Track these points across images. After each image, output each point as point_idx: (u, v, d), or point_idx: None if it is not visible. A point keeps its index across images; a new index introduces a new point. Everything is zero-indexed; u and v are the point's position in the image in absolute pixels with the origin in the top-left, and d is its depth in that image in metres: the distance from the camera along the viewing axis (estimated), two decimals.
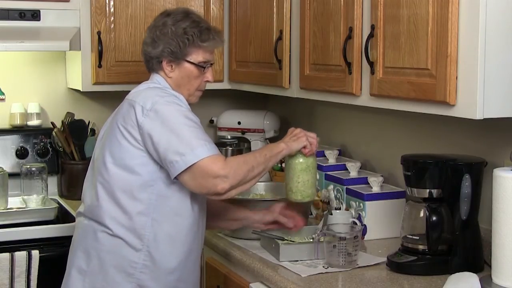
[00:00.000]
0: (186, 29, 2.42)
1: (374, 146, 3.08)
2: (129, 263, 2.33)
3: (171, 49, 2.41)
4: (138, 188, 2.31)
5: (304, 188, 2.45)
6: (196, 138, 2.24)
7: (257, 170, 2.31)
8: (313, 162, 2.46)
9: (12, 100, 3.54)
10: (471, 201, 2.31)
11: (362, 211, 2.73)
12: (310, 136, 2.43)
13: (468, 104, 2.04)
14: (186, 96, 2.44)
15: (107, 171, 2.35)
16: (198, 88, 2.48)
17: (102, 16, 3.30)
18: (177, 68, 2.44)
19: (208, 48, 2.45)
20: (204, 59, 2.45)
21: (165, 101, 2.31)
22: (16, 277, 2.87)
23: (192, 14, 2.49)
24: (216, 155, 2.24)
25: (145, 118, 2.28)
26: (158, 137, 2.26)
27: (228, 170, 2.22)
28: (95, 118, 3.64)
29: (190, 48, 2.42)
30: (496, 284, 2.10)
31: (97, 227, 2.36)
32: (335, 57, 2.62)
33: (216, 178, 2.21)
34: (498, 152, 2.41)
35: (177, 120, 2.27)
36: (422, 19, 2.17)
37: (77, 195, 3.46)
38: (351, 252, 2.38)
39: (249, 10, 3.25)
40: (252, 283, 2.46)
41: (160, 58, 2.44)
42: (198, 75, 2.45)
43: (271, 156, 2.35)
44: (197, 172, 2.22)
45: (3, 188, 3.23)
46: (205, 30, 2.44)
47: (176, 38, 2.41)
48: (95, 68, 3.31)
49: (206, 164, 2.21)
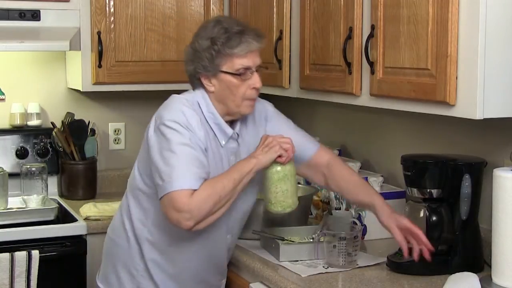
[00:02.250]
0: (213, 39, 2.27)
1: (374, 146, 3.08)
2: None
3: (202, 64, 2.30)
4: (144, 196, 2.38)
5: (283, 199, 2.31)
6: (179, 167, 2.17)
7: (225, 198, 2.21)
8: (291, 170, 2.31)
9: (12, 100, 3.54)
10: (471, 201, 2.31)
11: (362, 211, 2.73)
12: (283, 142, 2.27)
13: (468, 104, 2.04)
14: (234, 108, 2.32)
15: (133, 176, 2.44)
16: (244, 97, 2.30)
17: (102, 16, 3.30)
18: (216, 81, 2.31)
19: (242, 53, 2.27)
20: (241, 65, 2.27)
21: (171, 121, 2.24)
22: (16, 277, 2.87)
23: (223, 21, 2.33)
24: (186, 189, 2.15)
25: (154, 135, 2.28)
26: (153, 156, 2.25)
27: (193, 206, 2.15)
28: (95, 118, 3.64)
29: (220, 58, 2.27)
30: (496, 284, 2.10)
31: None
32: (335, 57, 2.62)
33: (180, 213, 2.15)
34: (498, 152, 2.41)
35: (170, 146, 2.21)
36: (422, 19, 2.17)
37: (77, 195, 3.49)
38: (351, 252, 2.38)
39: (249, 10, 3.25)
40: (252, 283, 2.46)
41: (197, 75, 2.34)
42: (239, 84, 2.29)
43: (241, 177, 2.22)
44: (167, 202, 2.18)
45: (3, 188, 3.23)
46: (235, 35, 2.27)
47: (204, 52, 2.28)
48: (95, 68, 3.31)
49: (175, 196, 2.15)
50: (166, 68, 3.42)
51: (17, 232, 2.98)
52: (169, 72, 3.41)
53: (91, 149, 3.55)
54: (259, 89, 2.32)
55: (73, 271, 3.03)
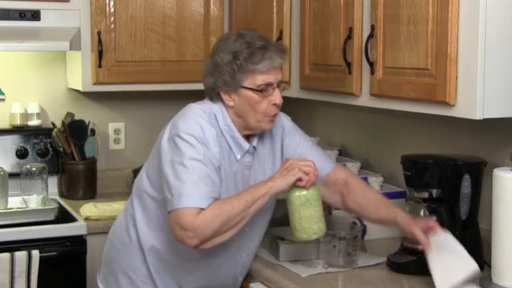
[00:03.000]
0: (236, 53, 2.20)
1: (374, 146, 3.08)
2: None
3: (223, 79, 2.22)
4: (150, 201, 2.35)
5: (308, 225, 2.19)
6: (189, 184, 2.11)
7: (235, 220, 2.13)
8: (314, 194, 2.18)
9: (12, 100, 3.54)
10: (471, 201, 2.31)
11: None
12: (304, 165, 2.17)
13: (468, 104, 2.04)
14: (255, 123, 2.25)
15: (141, 180, 2.38)
16: (266, 113, 2.24)
17: (102, 16, 3.30)
18: (236, 96, 2.23)
19: (264, 69, 2.20)
20: (263, 81, 2.20)
21: (187, 134, 2.18)
22: (16, 277, 2.87)
23: (246, 35, 2.25)
24: (193, 207, 2.08)
25: (166, 144, 2.22)
26: (164, 167, 2.20)
27: (198, 225, 2.08)
28: (95, 118, 3.64)
29: (242, 73, 2.20)
30: (496, 284, 2.10)
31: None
32: (335, 57, 2.62)
33: (184, 230, 2.10)
34: (498, 152, 2.41)
35: (182, 160, 2.14)
36: (422, 19, 2.17)
37: (77, 195, 3.49)
38: (351, 252, 2.38)
39: (249, 10, 3.25)
40: (252, 283, 2.46)
41: (216, 90, 2.26)
42: (260, 100, 2.22)
43: (254, 200, 2.14)
44: (173, 218, 2.13)
45: (3, 188, 3.23)
46: (258, 50, 2.19)
47: (225, 66, 2.21)
48: (95, 68, 3.31)
49: (181, 214, 2.10)
50: (166, 68, 3.42)
51: (17, 232, 2.98)
52: (169, 72, 3.42)
53: (91, 149, 3.55)
54: (280, 105, 2.26)
55: (73, 271, 3.03)
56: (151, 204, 2.33)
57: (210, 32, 3.47)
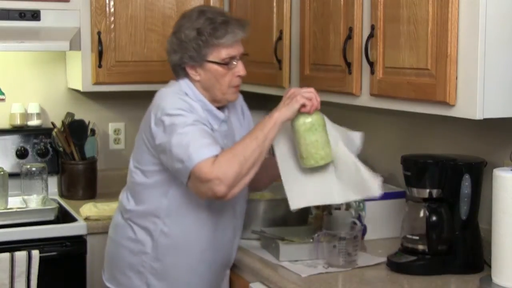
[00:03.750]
0: (200, 30, 2.33)
1: (374, 146, 3.08)
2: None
3: (189, 55, 2.35)
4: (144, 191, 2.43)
5: (315, 150, 2.23)
6: (193, 143, 2.21)
7: (253, 157, 2.21)
8: (318, 119, 2.25)
9: (12, 100, 3.54)
10: (471, 201, 2.31)
11: (362, 211, 2.73)
12: (306, 92, 2.25)
13: (468, 104, 2.04)
14: (220, 96, 2.39)
15: (131, 173, 2.47)
16: (230, 85, 2.38)
17: (102, 16, 3.30)
18: (202, 70, 2.37)
19: (228, 43, 2.33)
20: (227, 55, 2.34)
21: (173, 108, 2.29)
22: (16, 277, 2.87)
23: (207, 11, 2.39)
24: (206, 159, 2.17)
25: (157, 128, 2.31)
26: (165, 146, 2.27)
27: (217, 171, 2.16)
28: (95, 118, 3.64)
29: (207, 48, 2.33)
30: (496, 284, 2.10)
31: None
32: (335, 57, 2.62)
33: (208, 182, 2.17)
34: (498, 152, 2.41)
35: (177, 129, 2.24)
36: (422, 19, 2.17)
37: (77, 195, 3.49)
38: (351, 252, 2.38)
39: (249, 10, 3.25)
40: (252, 283, 2.46)
41: (182, 65, 2.39)
42: (225, 73, 2.36)
43: (265, 134, 2.22)
44: (193, 178, 2.22)
45: (3, 188, 3.23)
46: (221, 25, 2.33)
47: (190, 42, 2.34)
48: (95, 68, 3.31)
49: (198, 169, 2.18)
50: (166, 68, 3.38)
51: (17, 232, 2.98)
52: (169, 72, 3.38)
53: (91, 149, 3.55)
54: (243, 76, 2.39)
55: (73, 271, 3.04)
56: (144, 192, 2.42)
57: None
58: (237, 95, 2.45)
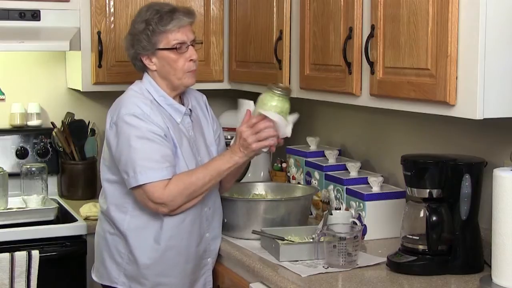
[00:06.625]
0: (147, 20, 2.49)
1: (374, 146, 3.08)
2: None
3: (141, 45, 2.50)
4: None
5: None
6: (142, 161, 2.38)
7: (203, 189, 2.45)
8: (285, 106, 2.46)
9: (12, 100, 3.54)
10: (471, 201, 2.31)
11: (362, 211, 2.73)
12: (260, 137, 2.40)
13: (468, 104, 2.04)
14: (177, 81, 2.52)
15: (101, 172, 2.62)
16: (184, 70, 2.51)
17: (102, 16, 3.30)
18: (156, 59, 2.52)
19: (174, 29, 2.48)
20: (175, 40, 2.49)
21: (128, 115, 2.43)
22: (16, 277, 2.87)
23: (155, 4, 2.55)
24: (155, 182, 2.37)
25: (110, 130, 2.47)
26: (115, 151, 2.46)
27: (166, 198, 2.40)
28: (95, 118, 3.64)
29: (155, 37, 2.48)
30: (496, 284, 2.10)
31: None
32: (335, 57, 2.62)
33: (156, 204, 2.41)
34: (498, 152, 2.41)
35: (129, 141, 2.40)
36: (422, 19, 2.17)
37: (77, 195, 3.49)
38: (351, 252, 2.38)
39: (249, 10, 3.25)
40: (252, 283, 2.46)
41: (138, 57, 2.54)
42: (177, 58, 2.50)
43: (219, 173, 2.45)
44: (140, 194, 2.43)
45: (3, 188, 3.23)
46: (166, 14, 2.48)
47: (141, 34, 2.49)
48: (95, 68, 3.31)
49: (150, 189, 2.39)
50: None
51: (17, 232, 2.98)
52: None
53: (91, 149, 3.56)
54: (196, 60, 2.53)
55: (73, 271, 3.04)
56: (116, 189, 2.52)
57: (210, 32, 3.47)
58: (194, 80, 2.56)
